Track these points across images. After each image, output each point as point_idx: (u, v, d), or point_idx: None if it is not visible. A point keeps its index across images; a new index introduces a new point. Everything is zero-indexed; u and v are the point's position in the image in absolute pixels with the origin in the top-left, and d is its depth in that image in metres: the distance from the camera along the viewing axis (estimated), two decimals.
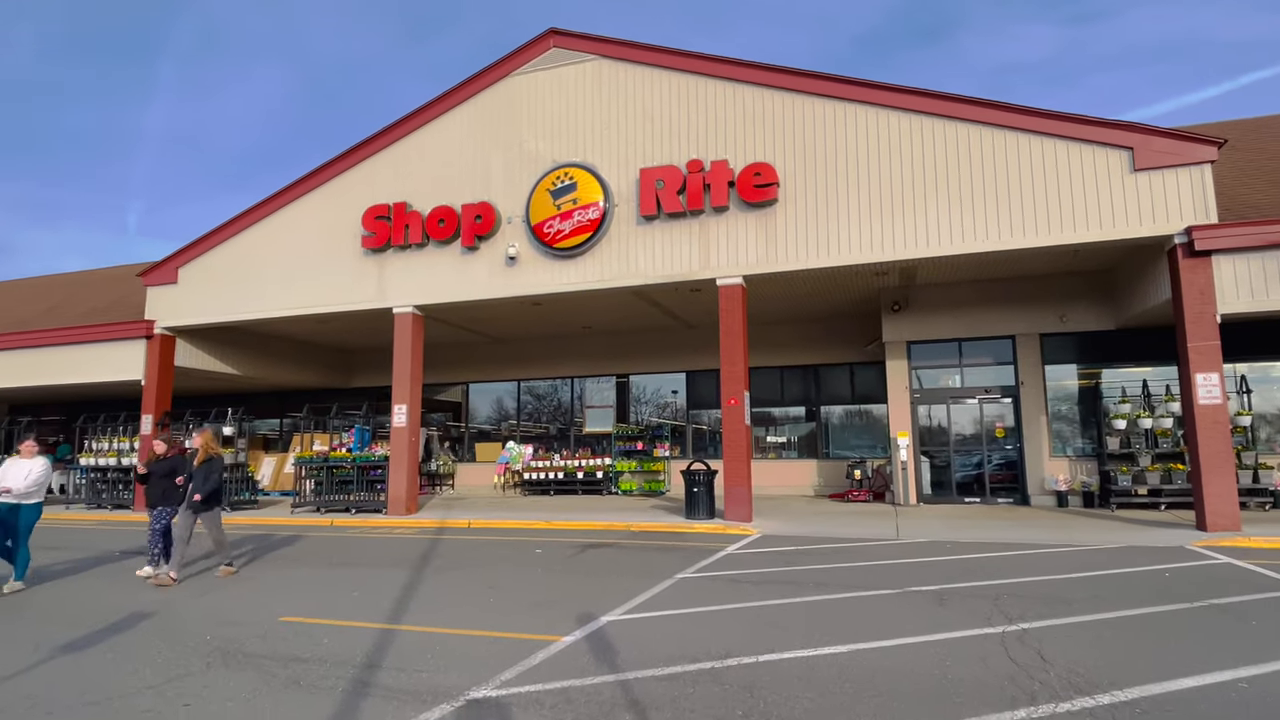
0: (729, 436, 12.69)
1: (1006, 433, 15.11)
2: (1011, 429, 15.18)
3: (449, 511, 15.11)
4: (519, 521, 13.06)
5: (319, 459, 15.52)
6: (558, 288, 13.97)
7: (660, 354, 19.89)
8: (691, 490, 12.71)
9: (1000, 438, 15.11)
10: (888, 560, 8.92)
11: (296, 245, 16.21)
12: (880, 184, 12.29)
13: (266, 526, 13.87)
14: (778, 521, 12.63)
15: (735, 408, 12.68)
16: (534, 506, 15.74)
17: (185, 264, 17.31)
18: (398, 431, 14.81)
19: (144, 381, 17.14)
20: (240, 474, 16.56)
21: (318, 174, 16.19)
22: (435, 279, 14.89)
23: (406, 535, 12.09)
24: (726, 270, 12.92)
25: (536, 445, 20.71)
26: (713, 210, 13.02)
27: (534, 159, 14.42)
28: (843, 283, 14.82)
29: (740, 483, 12.48)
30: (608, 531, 12.06)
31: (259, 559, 9.88)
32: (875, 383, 18.31)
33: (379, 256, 15.39)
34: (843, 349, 18.41)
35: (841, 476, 17.75)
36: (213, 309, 16.79)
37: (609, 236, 13.70)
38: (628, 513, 14.04)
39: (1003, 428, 15.14)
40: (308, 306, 15.84)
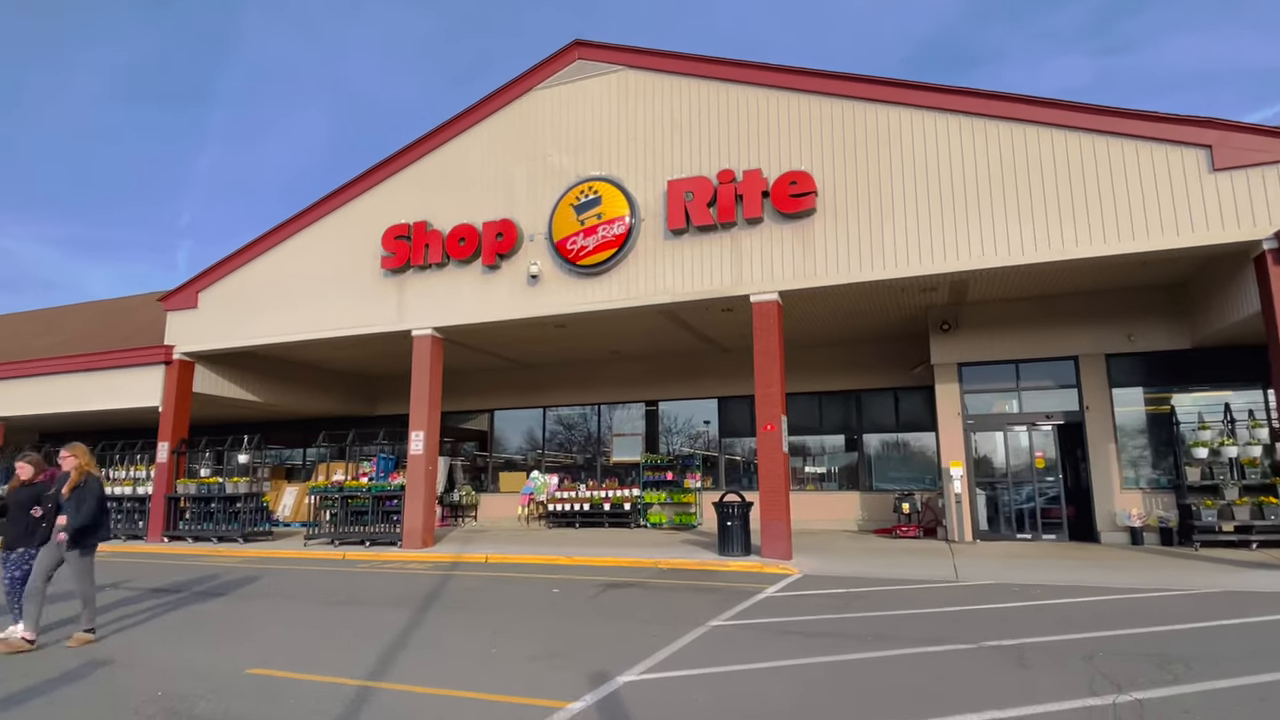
0: (765, 465, 11.69)
1: (1049, 463, 13.84)
2: (1074, 459, 13.90)
3: (467, 545, 14.27)
4: (539, 556, 12.16)
5: (334, 489, 14.86)
6: (581, 307, 13.22)
7: (691, 380, 18.98)
8: (725, 524, 11.70)
9: (1040, 468, 13.84)
10: (951, 606, 7.81)
11: (316, 267, 15.77)
12: (929, 191, 11.36)
13: (275, 560, 13.17)
14: (820, 559, 11.52)
15: (772, 434, 11.70)
16: (557, 540, 14.83)
17: (205, 288, 17.00)
18: (414, 460, 14.08)
19: (161, 408, 16.75)
20: (255, 504, 15.96)
21: (338, 195, 15.80)
22: (455, 300, 14.27)
23: (418, 571, 11.26)
24: (761, 286, 12.03)
25: (562, 475, 19.84)
26: (745, 223, 12.20)
27: (557, 174, 13.80)
28: (887, 300, 13.82)
29: (778, 516, 11.44)
30: (634, 569, 11.08)
31: (255, 595, 9.12)
32: (922, 409, 17.14)
33: (398, 278, 14.84)
34: (886, 373, 17.30)
35: (887, 510, 16.53)
36: (231, 333, 16.39)
37: (635, 252, 12.94)
38: (656, 548, 13.05)
39: (1043, 457, 13.89)
40: (326, 330, 15.33)
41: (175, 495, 16.33)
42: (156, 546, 15.54)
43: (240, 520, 15.64)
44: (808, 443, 18.11)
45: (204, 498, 16.04)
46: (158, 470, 16.57)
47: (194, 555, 14.22)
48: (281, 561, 12.87)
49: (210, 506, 16.02)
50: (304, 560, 13.02)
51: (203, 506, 16.09)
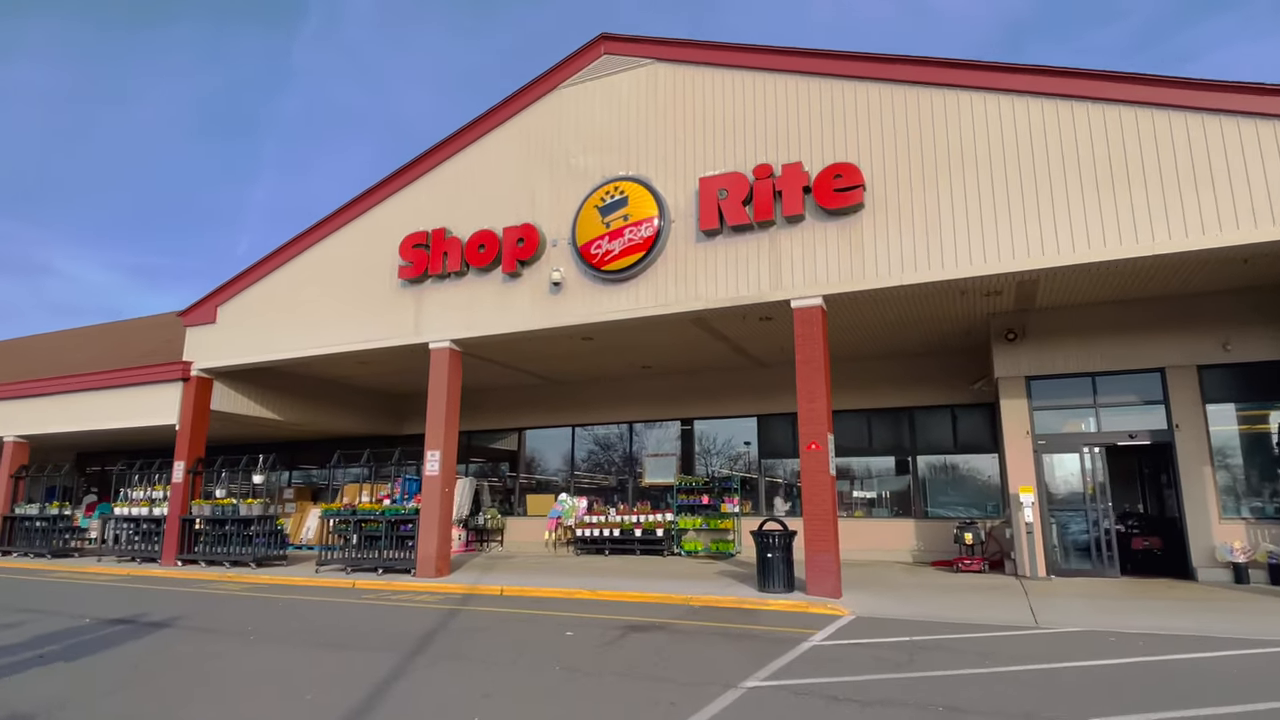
0: (810, 489, 10.43)
1: (1131, 490, 12.22)
2: (1159, 484, 12.28)
3: (485, 574, 13.25)
4: (559, 589, 11.06)
5: (346, 512, 14.02)
6: (607, 316, 12.20)
7: (728, 397, 17.77)
8: (764, 556, 10.45)
9: (1121, 495, 12.22)
10: (1038, 663, 6.46)
11: (333, 279, 15.12)
12: (993, 181, 10.09)
13: (279, 588, 12.33)
14: (874, 597, 10.18)
15: (817, 454, 10.45)
16: (583, 569, 13.71)
17: (224, 302, 16.50)
18: (429, 481, 13.17)
19: (178, 426, 16.22)
20: (269, 527, 15.23)
21: (357, 203, 15.16)
22: (474, 311, 13.40)
23: (425, 604, 10.26)
24: (802, 290, 10.86)
25: (592, 498, 18.76)
26: (785, 221, 11.07)
27: (582, 174, 12.89)
28: (944, 306, 12.48)
29: (825, 547, 10.16)
30: (662, 606, 9.90)
31: (234, 632, 8.21)
32: (982, 428, 15.64)
33: (416, 289, 14.06)
34: (942, 389, 15.85)
35: (945, 540, 15.01)
36: (248, 348, 15.81)
37: (664, 256, 11.90)
38: (688, 581, 11.83)
39: (1124, 482, 12.24)
40: (342, 344, 14.61)
41: (190, 517, 15.71)
42: (166, 570, 14.90)
43: (254, 544, 14.91)
44: (855, 465, 16.71)
45: (218, 520, 15.38)
46: (173, 490, 16.00)
47: (199, 580, 13.50)
48: (285, 590, 12.03)
49: (226, 529, 15.34)
50: (309, 589, 12.15)
51: (218, 529, 15.42)
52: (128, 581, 13.52)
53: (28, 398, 18.39)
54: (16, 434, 18.60)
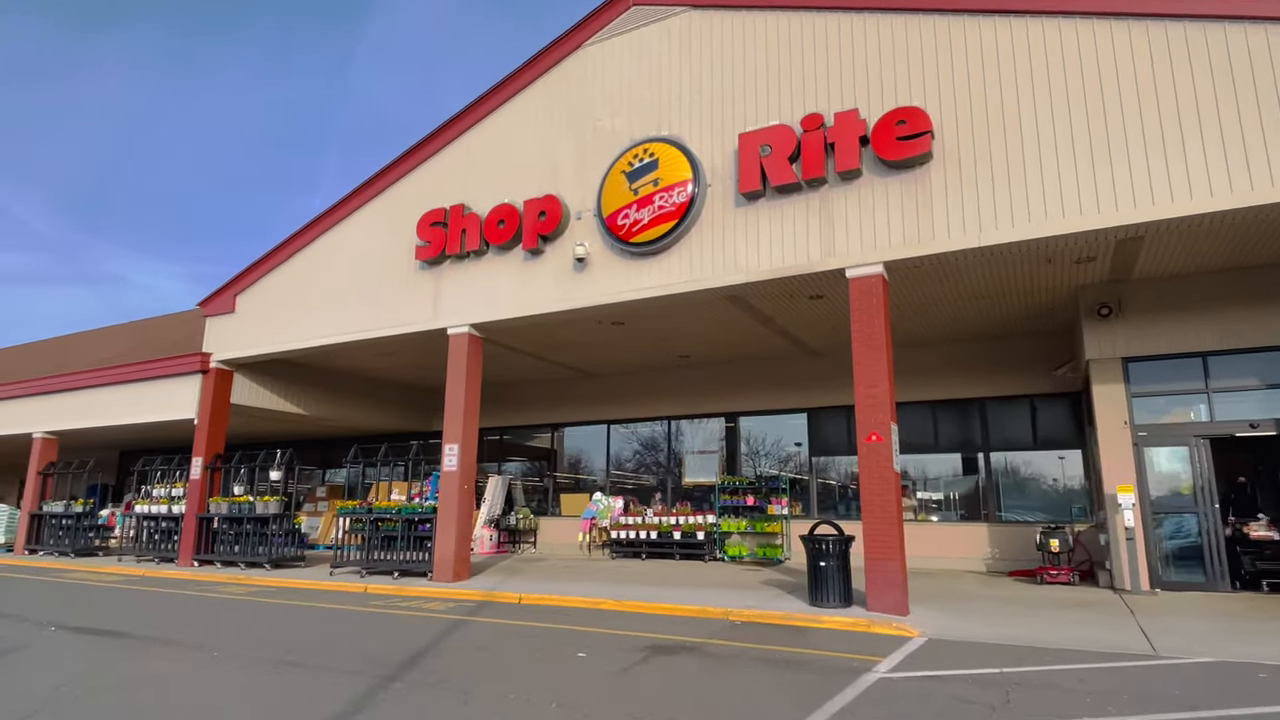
0: (870, 488, 8.96)
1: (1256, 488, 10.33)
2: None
3: (508, 578, 12.12)
4: (582, 598, 9.82)
5: (360, 510, 13.06)
6: (635, 294, 10.94)
7: (775, 389, 16.30)
8: (817, 564, 9.02)
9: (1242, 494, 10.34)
10: (1179, 711, 4.92)
11: (350, 263, 14.24)
12: (1089, 118, 8.46)
13: (285, 591, 11.41)
14: (948, 614, 8.65)
15: (878, 446, 8.97)
16: (614, 575, 12.46)
17: (243, 290, 15.81)
18: (448, 478, 12.11)
19: (196, 420, 15.58)
20: (285, 526, 14.42)
21: (375, 181, 14.24)
22: (494, 292, 12.30)
23: (432, 613, 9.15)
24: (859, 257, 9.40)
25: (628, 498, 17.50)
26: (838, 178, 9.63)
27: (608, 139, 11.66)
28: (1024, 277, 10.84)
29: (889, 554, 8.67)
30: (697, 621, 8.57)
31: (201, 647, 7.19)
32: (1065, 420, 13.84)
33: (434, 270, 13.05)
34: (1019, 376, 14.09)
35: (1023, 546, 13.28)
36: (266, 338, 15.05)
37: (700, 224, 10.58)
38: (730, 590, 10.47)
39: (1245, 480, 10.36)
40: (357, 331, 13.69)
41: (208, 516, 15.03)
42: (179, 571, 14.21)
43: (272, 544, 14.11)
44: (919, 463, 15.04)
45: (235, 519, 14.65)
46: (190, 488, 15.36)
47: (206, 583, 12.72)
48: (290, 595, 11.09)
49: (244, 528, 14.60)
50: (316, 594, 11.20)
51: (236, 528, 14.69)
52: (132, 583, 12.83)
53: (50, 394, 18.10)
54: (45, 430, 18.33)
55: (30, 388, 18.55)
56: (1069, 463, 13.85)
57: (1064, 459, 13.90)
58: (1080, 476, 13.71)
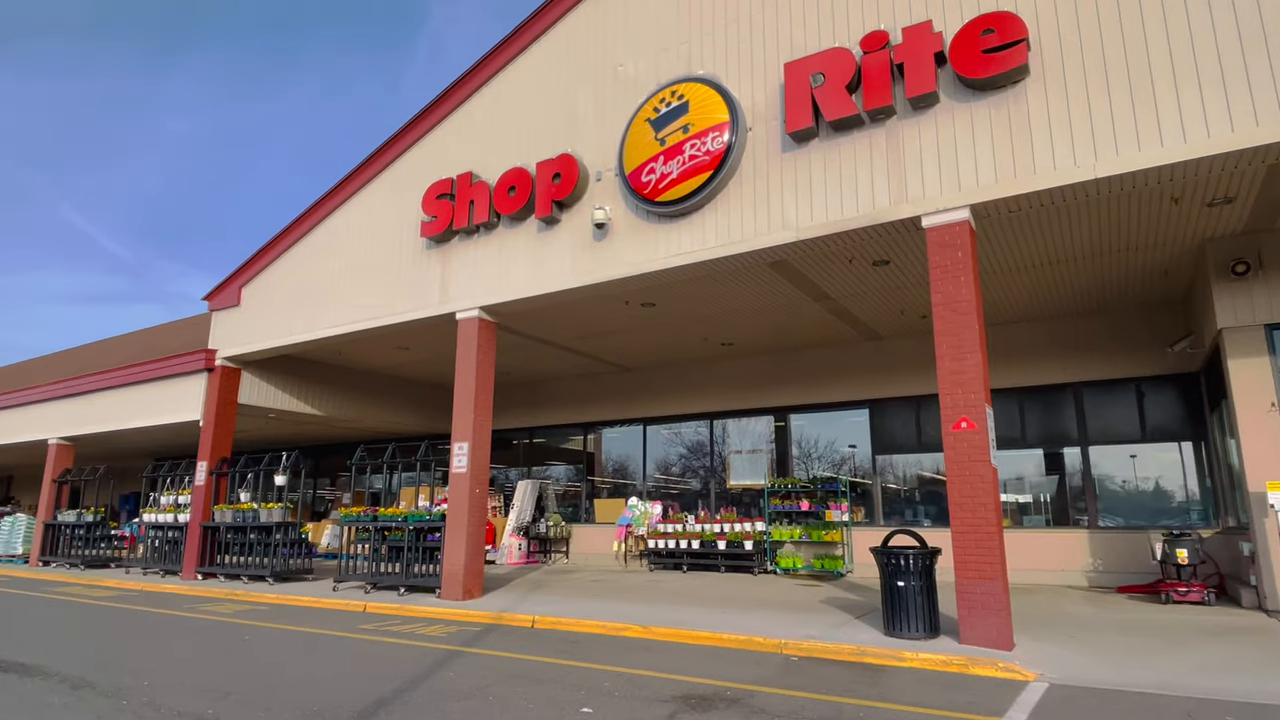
0: (960, 487, 7.13)
1: None
2: None
3: (527, 595, 10.59)
4: (605, 623, 8.20)
5: (365, 518, 11.71)
6: (664, 262, 9.32)
7: (830, 379, 14.46)
8: (894, 584, 7.22)
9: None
10: None
11: (356, 247, 12.97)
12: (1238, 14, 6.53)
13: (275, 611, 10.09)
14: (1062, 648, 6.76)
15: (969, 435, 7.15)
16: (649, 591, 10.82)
17: (248, 282, 14.72)
18: (457, 480, 10.66)
19: (201, 421, 14.52)
20: (291, 535, 13.19)
21: (379, 156, 12.96)
22: (506, 270, 10.83)
23: (425, 642, 7.66)
24: (939, 201, 7.60)
25: (668, 503, 15.87)
26: (909, 106, 7.85)
27: (631, 86, 10.09)
28: (1138, 227, 8.86)
29: (987, 572, 6.83)
30: (743, 656, 6.87)
31: (104, 691, 5.80)
32: (1179, 406, 11.69)
33: (442, 250, 11.66)
34: (1121, 356, 12.00)
35: (1131, 556, 11.22)
36: (272, 331, 13.90)
37: (739, 176, 8.91)
38: (784, 612, 8.72)
39: None
40: (364, 320, 12.38)
41: (213, 524, 13.92)
42: (179, 585, 13.09)
43: (278, 554, 12.90)
44: (999, 461, 12.99)
45: (240, 527, 13.50)
46: (195, 494, 14.29)
47: (198, 599, 11.52)
48: (280, 614, 9.75)
49: (249, 538, 13.43)
50: (310, 613, 9.85)
51: (242, 538, 13.53)
52: (120, 600, 11.72)
53: (60, 399, 17.39)
54: (59, 435, 17.61)
55: (41, 393, 17.90)
56: (1186, 458, 11.69)
57: (1179, 452, 11.75)
58: (1197, 473, 11.55)
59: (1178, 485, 11.73)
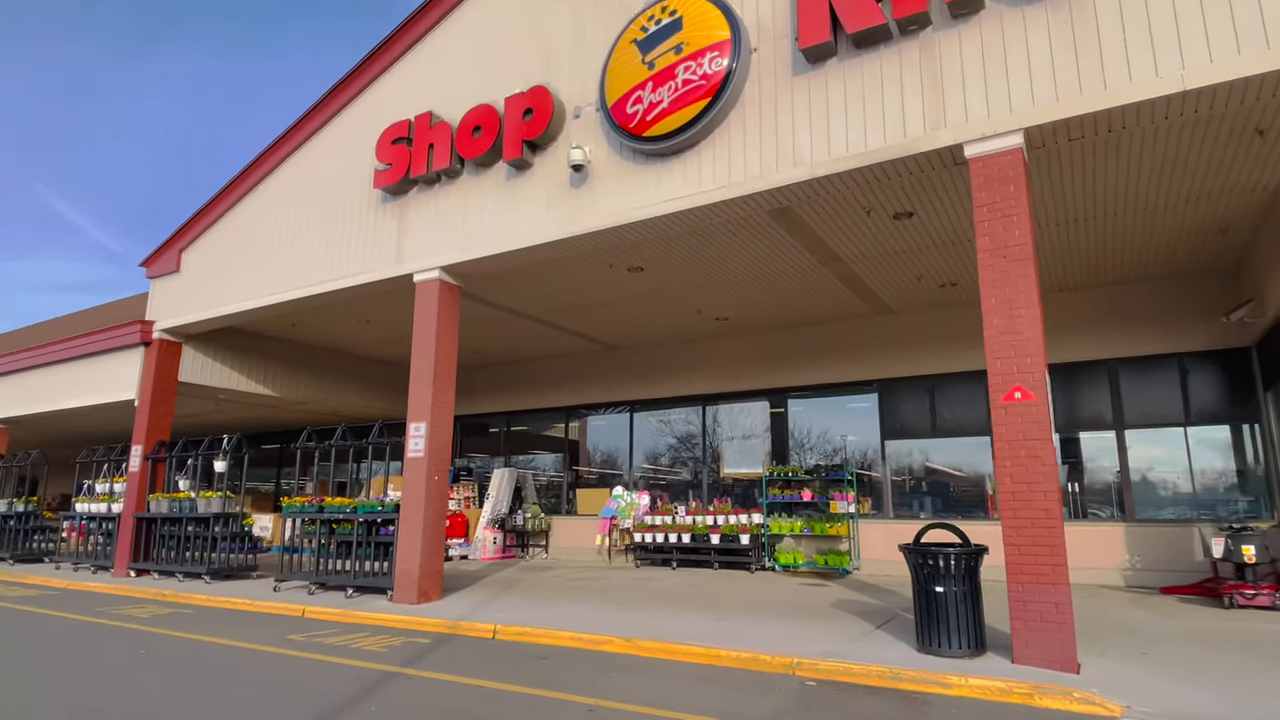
0: (1013, 471, 5.81)
1: None
2: None
3: (495, 597, 9.23)
4: (580, 635, 6.84)
5: (310, 509, 10.28)
6: (653, 208, 7.94)
7: (836, 357, 13.14)
8: (930, 589, 5.89)
9: None
10: None
11: (306, 203, 11.51)
12: None
13: (203, 615, 8.66)
14: (1136, 667, 5.46)
15: (1025, 408, 5.83)
16: (634, 592, 9.48)
17: (188, 245, 13.23)
18: (412, 467, 9.26)
19: (137, 401, 13.04)
20: (232, 528, 11.76)
21: (331, 99, 11.48)
22: (470, 224, 9.42)
23: (358, 660, 6.29)
24: (985, 125, 6.25)
25: (656, 493, 14.55)
26: (948, 12, 6.49)
27: (616, 7, 8.67)
28: (1208, 170, 7.55)
29: (1050, 576, 5.53)
30: (747, 678, 5.54)
31: None
32: (1228, 385, 10.46)
33: (398, 203, 10.24)
34: (1164, 329, 10.73)
35: (1174, 553, 10.05)
36: (215, 299, 12.41)
37: (742, 105, 7.53)
38: (791, 619, 7.40)
39: None
40: (312, 285, 10.94)
41: (148, 515, 12.47)
42: (105, 583, 11.65)
43: (218, 549, 11.48)
44: None
45: (176, 519, 12.05)
46: (129, 482, 12.83)
47: (121, 598, 10.07)
48: (205, 620, 8.34)
49: (187, 530, 11.99)
50: (240, 618, 8.44)
51: (180, 530, 12.09)
52: (33, 600, 10.27)
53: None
54: None
55: None
56: (1233, 442, 10.48)
57: (1225, 437, 10.53)
58: (1251, 459, 10.33)
59: (1225, 473, 10.51)
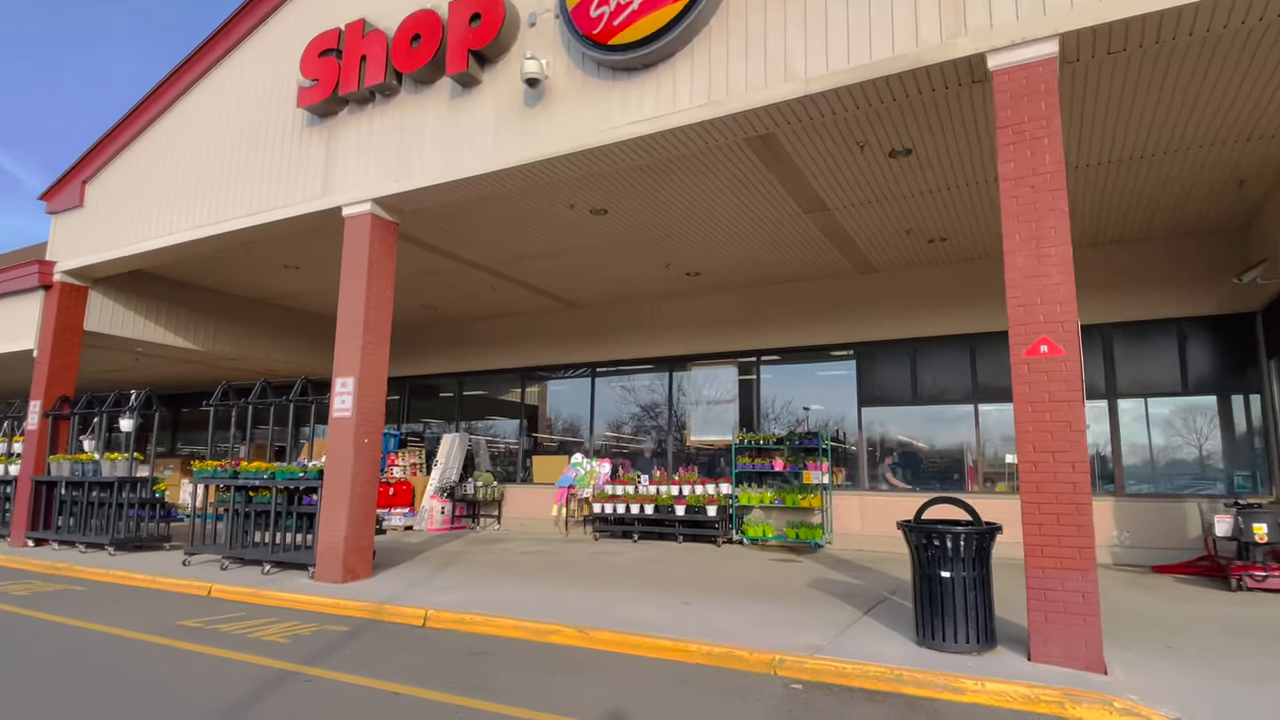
0: (1035, 438, 4.94)
1: None
2: None
3: (433, 575, 8.21)
4: (525, 622, 5.86)
5: (224, 474, 9.07)
6: (618, 132, 6.83)
7: (813, 319, 12.26)
8: (933, 573, 5.03)
9: None
10: None
11: (223, 128, 10.10)
12: None
13: (94, 592, 7.48)
14: (1170, 662, 4.68)
15: (1052, 364, 4.95)
16: (590, 568, 8.55)
17: (94, 176, 11.69)
18: (337, 427, 8.12)
19: (36, 351, 11.58)
20: (142, 493, 10.48)
21: (254, 5, 10.02)
22: (409, 149, 8.19)
23: (255, 653, 5.24)
24: (1012, 31, 5.27)
25: (618, 462, 13.61)
26: None
27: None
28: (1245, 104, 6.71)
29: (1077, 561, 4.69)
30: (722, 679, 4.62)
31: None
32: (1227, 353, 9.83)
33: (326, 126, 8.94)
34: (1162, 293, 10.04)
35: (1166, 529, 9.48)
36: (123, 237, 10.95)
37: (725, 7, 6.43)
38: (765, 602, 6.53)
39: None
40: (231, 219, 9.59)
41: (48, 479, 11.12)
42: (3, 555, 10.32)
43: (116, 518, 10.22)
44: (1004, 416, 11.05)
45: (79, 483, 10.74)
46: (26, 441, 11.43)
47: (9, 571, 8.81)
48: (93, 599, 7.16)
49: (92, 496, 10.68)
50: (136, 595, 7.29)
51: (84, 495, 10.77)
52: None
53: None
54: None
55: None
56: (1229, 413, 9.90)
57: (1222, 408, 9.94)
58: (1247, 432, 9.76)
59: (1221, 446, 9.93)
